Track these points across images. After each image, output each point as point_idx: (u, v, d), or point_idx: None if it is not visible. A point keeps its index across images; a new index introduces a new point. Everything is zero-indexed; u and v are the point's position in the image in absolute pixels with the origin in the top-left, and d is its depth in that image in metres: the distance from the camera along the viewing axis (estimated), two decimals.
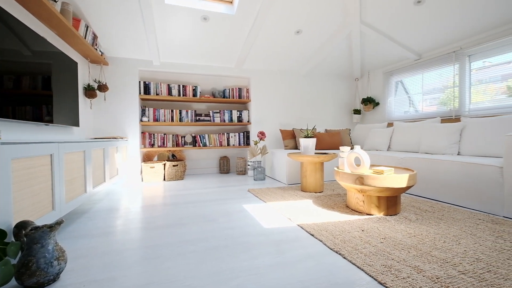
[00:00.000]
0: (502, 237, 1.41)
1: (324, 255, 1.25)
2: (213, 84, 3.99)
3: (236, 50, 3.47)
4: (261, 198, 2.33)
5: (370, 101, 4.08)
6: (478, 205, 1.92)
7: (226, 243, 1.39)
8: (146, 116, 3.44)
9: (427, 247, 1.30)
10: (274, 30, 3.12)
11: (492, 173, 1.84)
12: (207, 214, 1.92)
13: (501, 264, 1.12)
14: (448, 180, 2.13)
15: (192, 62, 3.64)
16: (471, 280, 1.00)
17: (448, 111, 3.10)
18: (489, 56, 2.72)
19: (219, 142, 3.86)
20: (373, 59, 3.83)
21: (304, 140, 2.60)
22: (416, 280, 1.01)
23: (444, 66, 3.14)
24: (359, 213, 1.87)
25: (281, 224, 1.69)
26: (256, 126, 3.98)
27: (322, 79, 4.35)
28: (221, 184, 3.07)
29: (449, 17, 2.62)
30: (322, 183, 2.59)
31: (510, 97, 2.56)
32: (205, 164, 3.99)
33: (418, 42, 3.15)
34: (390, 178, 1.69)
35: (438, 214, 1.82)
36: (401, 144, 3.08)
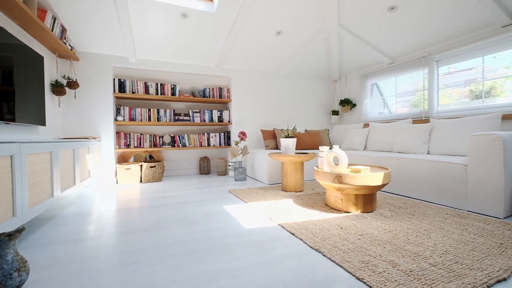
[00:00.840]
0: (466, 230, 1.51)
1: (304, 253, 1.26)
2: (193, 83, 3.90)
3: (217, 49, 3.42)
4: (242, 199, 2.31)
5: (347, 103, 4.22)
6: (446, 200, 2.06)
7: (206, 246, 1.36)
8: (121, 115, 3.28)
9: (401, 242, 1.36)
10: (255, 30, 3.12)
11: (457, 171, 1.98)
12: (186, 216, 1.87)
13: (466, 255, 1.20)
14: (419, 177, 2.26)
15: (171, 60, 3.54)
16: (440, 272, 1.06)
17: (418, 113, 3.29)
18: (454, 62, 2.93)
19: (199, 142, 3.78)
20: (350, 62, 3.96)
21: (285, 140, 2.62)
22: (391, 274, 1.05)
23: (415, 70, 3.33)
24: (337, 211, 1.92)
25: (262, 224, 1.68)
26: (237, 126, 3.95)
27: (302, 80, 4.43)
28: (201, 185, 3.01)
29: (419, 24, 2.78)
30: (302, 183, 2.63)
31: (472, 101, 2.77)
32: (184, 165, 3.89)
33: (392, 47, 3.31)
34: (366, 176, 1.75)
35: (411, 210, 1.91)
36: (377, 143, 3.22)
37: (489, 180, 1.78)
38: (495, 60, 2.58)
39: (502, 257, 1.18)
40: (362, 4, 2.71)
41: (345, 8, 2.85)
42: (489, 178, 1.78)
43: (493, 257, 1.18)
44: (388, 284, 0.98)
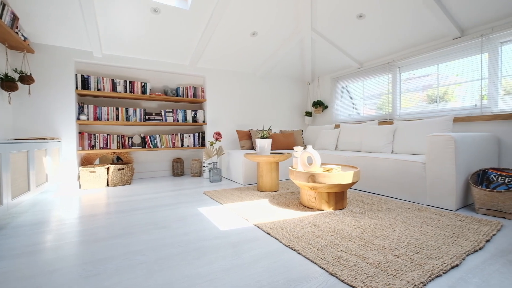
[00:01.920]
0: (425, 223, 1.65)
1: (280, 252, 1.28)
2: (165, 81, 3.76)
3: (191, 48, 3.34)
4: (217, 200, 2.28)
5: (320, 104, 4.38)
6: (408, 196, 2.23)
7: (180, 250, 1.31)
8: (84, 114, 3.04)
9: (369, 236, 1.45)
10: (230, 30, 3.09)
11: (417, 168, 2.15)
12: (158, 220, 1.79)
13: (425, 246, 1.31)
14: (384, 175, 2.42)
15: (142, 56, 3.37)
16: (404, 262, 1.14)
17: (384, 115, 3.52)
18: (413, 69, 3.19)
19: (172, 143, 3.65)
20: (322, 65, 4.12)
21: (260, 141, 2.64)
22: (361, 267, 1.11)
23: (381, 75, 3.56)
24: (311, 209, 1.98)
25: (238, 225, 1.67)
26: (212, 127, 3.89)
27: (277, 81, 4.50)
28: (174, 188, 2.91)
29: (384, 33, 2.98)
30: (277, 183, 2.66)
31: (429, 104, 3.04)
32: (156, 167, 3.73)
33: (360, 52, 3.51)
34: (338, 175, 1.83)
35: (377, 206, 2.04)
36: (347, 144, 3.38)
37: (443, 176, 1.97)
38: (448, 68, 2.87)
39: (455, 245, 1.31)
40: (333, 11, 2.84)
41: (317, 14, 2.95)
42: (443, 174, 1.97)
43: (448, 246, 1.31)
44: (358, 277, 1.03)
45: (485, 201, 1.81)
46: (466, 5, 2.33)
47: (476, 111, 2.59)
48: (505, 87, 2.41)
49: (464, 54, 2.69)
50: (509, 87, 2.39)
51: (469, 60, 2.66)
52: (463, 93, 2.73)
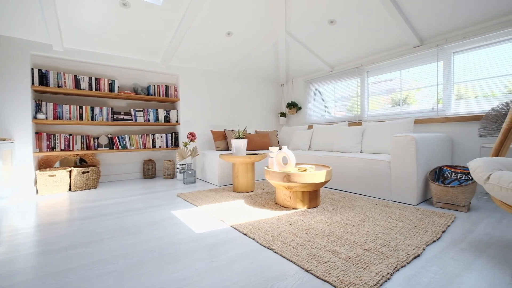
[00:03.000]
0: (391, 217, 1.77)
1: (257, 252, 1.28)
2: (135, 79, 3.57)
3: (163, 45, 3.21)
4: (192, 202, 2.23)
5: (294, 105, 4.48)
6: (375, 192, 2.37)
7: (153, 256, 1.26)
8: (42, 113, 2.77)
9: (341, 232, 1.52)
10: (205, 29, 3.04)
11: (383, 167, 2.31)
12: (128, 226, 1.69)
13: (391, 239, 1.41)
14: (354, 174, 2.55)
15: (109, 52, 3.17)
16: (373, 255, 1.22)
17: (353, 116, 3.72)
18: (379, 73, 3.42)
19: (143, 144, 3.48)
20: (296, 67, 4.22)
21: (236, 141, 2.63)
22: (334, 262, 1.15)
23: (350, 78, 3.75)
24: (286, 208, 2.02)
25: (214, 227, 1.65)
26: (186, 127, 3.79)
27: (252, 82, 4.52)
28: (145, 191, 2.78)
29: (353, 39, 3.15)
30: (253, 183, 2.67)
31: (393, 107, 3.27)
32: (125, 169, 3.53)
33: (331, 56, 3.67)
34: (312, 175, 1.89)
35: (348, 203, 2.15)
36: (319, 144, 3.51)
37: (405, 174, 2.13)
38: (409, 74, 3.11)
39: (416, 237, 1.43)
40: (306, 15, 2.93)
41: (291, 17, 3.02)
42: (405, 172, 2.13)
43: (410, 238, 1.42)
44: (332, 272, 1.08)
45: (441, 195, 2.00)
46: (424, 17, 2.56)
47: (433, 114, 2.84)
48: (457, 93, 2.69)
49: (423, 61, 2.94)
50: (460, 93, 2.67)
51: (427, 67, 2.92)
52: (422, 97, 2.99)
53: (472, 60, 2.58)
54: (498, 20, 2.36)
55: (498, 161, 1.34)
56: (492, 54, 2.45)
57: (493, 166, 1.29)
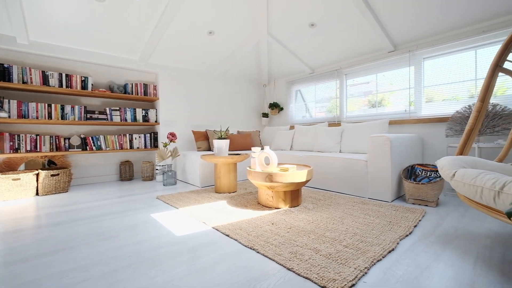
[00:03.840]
0: (368, 214, 1.85)
1: (240, 253, 1.28)
2: (111, 76, 3.41)
3: (141, 42, 3.10)
4: (172, 205, 2.17)
5: (276, 106, 4.53)
6: (353, 190, 2.47)
7: (131, 261, 1.21)
8: (4, 111, 2.55)
9: (322, 230, 1.56)
10: (186, 26, 2.98)
11: (361, 166, 2.40)
12: (104, 231, 1.61)
13: (368, 235, 1.47)
14: (333, 173, 2.63)
15: (82, 47, 3.00)
16: (351, 251, 1.26)
17: (332, 117, 3.83)
18: (357, 76, 3.56)
19: (120, 144, 3.33)
20: (278, 68, 4.27)
21: (218, 142, 2.61)
22: (315, 260, 1.18)
23: (330, 80, 3.87)
24: (269, 208, 2.03)
25: (196, 229, 1.62)
26: (166, 127, 3.68)
27: (234, 82, 4.50)
28: (122, 193, 2.66)
29: (333, 42, 3.25)
30: (235, 183, 2.66)
31: (370, 108, 3.42)
32: (100, 171, 3.36)
33: (312, 58, 3.75)
34: (293, 174, 1.92)
35: (328, 201, 2.21)
36: (300, 144, 3.57)
37: (381, 172, 2.24)
38: (384, 78, 3.27)
39: (391, 232, 1.50)
40: (288, 18, 2.97)
41: (273, 19, 3.06)
42: (381, 170, 2.24)
43: (386, 233, 1.49)
44: (313, 269, 1.10)
45: (413, 192, 2.12)
46: (398, 24, 2.70)
47: (406, 115, 3.01)
48: (427, 96, 2.87)
49: (397, 66, 3.11)
50: (429, 96, 2.85)
51: (400, 71, 3.09)
52: (396, 99, 3.16)
53: (439, 65, 2.77)
54: (461, 30, 2.56)
55: (462, 159, 1.45)
56: (457, 61, 2.65)
57: (458, 164, 1.39)
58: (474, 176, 1.22)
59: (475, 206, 1.28)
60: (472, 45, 2.53)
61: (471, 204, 1.31)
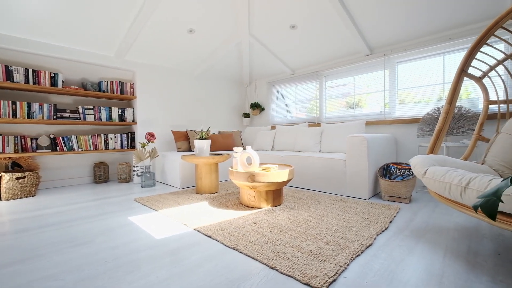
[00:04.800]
0: (347, 211, 1.91)
1: (222, 254, 1.27)
2: (84, 73, 3.23)
3: (118, 37, 2.97)
4: (152, 207, 2.10)
5: (257, 106, 4.55)
6: (333, 189, 2.54)
7: (107, 267, 1.15)
8: None
9: (303, 228, 1.58)
10: (166, 23, 2.89)
11: (339, 165, 2.48)
12: (77, 236, 1.52)
13: (347, 231, 1.52)
14: (314, 172, 2.69)
15: (51, 41, 2.80)
16: (332, 248, 1.30)
17: (312, 118, 3.92)
18: (335, 78, 3.67)
19: (94, 145, 3.16)
20: (259, 69, 4.29)
21: (199, 142, 2.56)
22: (297, 258, 1.20)
23: (310, 82, 3.95)
24: (251, 208, 2.03)
25: (177, 231, 1.57)
26: (144, 127, 3.55)
27: (215, 82, 4.45)
28: (97, 196, 2.52)
29: (313, 44, 3.33)
30: (217, 184, 2.63)
31: (347, 110, 3.55)
32: (72, 173, 3.16)
33: (293, 60, 3.81)
34: (275, 174, 1.93)
35: (309, 200, 2.25)
36: (282, 144, 3.62)
37: (359, 171, 2.33)
38: (361, 80, 3.41)
39: (369, 228, 1.57)
40: (269, 19, 3.00)
41: (255, 20, 3.06)
42: (359, 169, 2.33)
43: (363, 229, 1.55)
44: (295, 266, 1.12)
45: (388, 189, 2.23)
46: (374, 29, 2.83)
47: (381, 116, 3.16)
48: (400, 98, 3.03)
49: (373, 69, 3.25)
50: (402, 98, 3.02)
51: (376, 74, 3.23)
52: (372, 101, 3.30)
53: (411, 69, 2.94)
54: (430, 37, 2.73)
55: (433, 158, 1.54)
56: (427, 66, 2.83)
57: (428, 163, 1.48)
58: (443, 173, 1.30)
59: (444, 201, 1.38)
60: (440, 51, 2.71)
61: (440, 200, 1.40)
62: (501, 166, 1.56)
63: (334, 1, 2.52)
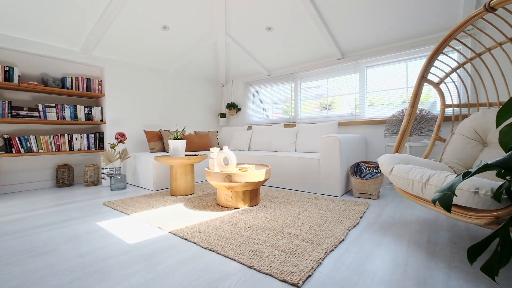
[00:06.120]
0: (321, 209, 1.99)
1: (199, 256, 1.25)
2: (44, 68, 2.97)
3: (84, 31, 2.77)
4: (123, 211, 1.99)
5: (233, 106, 4.53)
6: (308, 188, 2.62)
7: (74, 277, 1.07)
8: None
9: (280, 226, 1.62)
10: (138, 18, 2.77)
11: (314, 164, 2.57)
12: (38, 245, 1.39)
13: (321, 228, 1.58)
14: (290, 171, 2.75)
15: (7, 32, 2.54)
16: (308, 245, 1.34)
17: (288, 118, 4.01)
18: (310, 80, 3.79)
19: (56, 146, 2.92)
20: (235, 69, 4.28)
21: (174, 142, 2.49)
22: (274, 256, 1.22)
23: (285, 83, 4.04)
24: (228, 208, 2.02)
25: (151, 235, 1.52)
26: (114, 126, 3.36)
27: (190, 81, 4.35)
28: (60, 201, 2.34)
29: (288, 46, 3.40)
30: (193, 185, 2.58)
31: (321, 111, 3.68)
32: (31, 177, 2.89)
33: (269, 61, 3.86)
34: (253, 174, 1.95)
35: (285, 199, 2.30)
36: (258, 144, 3.65)
37: (332, 169, 2.43)
38: (334, 82, 3.56)
39: (341, 224, 1.64)
40: (246, 19, 3.01)
41: (231, 19, 3.05)
42: (332, 168, 2.43)
43: (336, 225, 1.62)
44: (273, 264, 1.14)
45: (359, 187, 2.36)
46: (345, 34, 2.97)
47: (352, 117, 3.33)
48: (369, 100, 3.22)
49: (344, 72, 3.41)
50: (371, 101, 3.21)
51: (347, 77, 3.40)
52: (344, 103, 3.46)
53: (379, 74, 3.14)
54: (395, 44, 2.94)
55: (398, 156, 1.67)
56: (392, 71, 3.04)
57: (394, 161, 1.60)
58: (407, 171, 1.41)
59: (408, 196, 1.49)
60: (404, 58, 2.93)
61: (405, 195, 1.52)
62: (456, 164, 1.73)
63: (308, 6, 2.60)
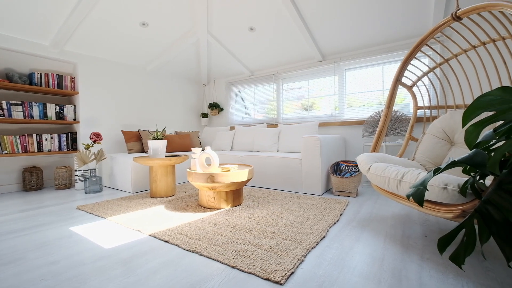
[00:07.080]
0: (303, 207, 2.03)
1: (181, 258, 1.22)
2: (8, 63, 2.75)
3: (54, 24, 2.61)
4: (99, 214, 1.90)
5: (216, 106, 4.49)
6: (290, 187, 2.66)
7: (45, 285, 1.00)
8: None
9: (263, 225, 1.62)
10: (115, 13, 2.65)
11: (296, 164, 2.61)
12: (3, 253, 1.29)
13: (303, 226, 1.61)
14: (272, 171, 2.78)
15: None
16: (290, 243, 1.36)
17: (270, 119, 4.04)
18: (291, 81, 3.85)
19: (23, 146, 2.72)
20: (218, 68, 4.24)
21: (154, 143, 2.41)
22: (258, 255, 1.23)
23: (268, 84, 4.07)
24: (210, 209, 2.00)
25: (129, 239, 1.46)
26: (88, 126, 3.19)
27: (171, 80, 4.24)
28: (28, 206, 2.18)
29: (270, 47, 3.43)
30: (174, 186, 2.52)
31: (303, 111, 3.75)
32: None
33: (251, 61, 3.87)
34: (235, 174, 1.94)
35: (268, 199, 2.32)
36: (241, 144, 3.64)
37: (313, 169, 2.49)
38: (314, 84, 3.65)
39: (322, 222, 1.69)
40: (228, 19, 2.99)
41: (213, 18, 3.02)
42: (313, 167, 2.49)
43: (318, 223, 1.66)
44: (256, 263, 1.14)
45: (338, 185, 2.43)
46: (325, 36, 3.05)
47: (332, 118, 3.43)
48: (348, 102, 3.34)
49: (324, 74, 3.51)
50: (350, 102, 3.33)
51: (328, 79, 3.50)
52: (324, 104, 3.56)
53: (357, 76, 3.27)
54: (372, 48, 3.08)
55: (375, 155, 1.74)
56: (369, 74, 3.18)
57: (372, 160, 1.67)
58: (383, 169, 1.48)
59: (384, 193, 1.56)
60: (381, 62, 3.07)
61: (381, 192, 1.59)
62: (427, 162, 1.84)
63: (290, 9, 2.64)
